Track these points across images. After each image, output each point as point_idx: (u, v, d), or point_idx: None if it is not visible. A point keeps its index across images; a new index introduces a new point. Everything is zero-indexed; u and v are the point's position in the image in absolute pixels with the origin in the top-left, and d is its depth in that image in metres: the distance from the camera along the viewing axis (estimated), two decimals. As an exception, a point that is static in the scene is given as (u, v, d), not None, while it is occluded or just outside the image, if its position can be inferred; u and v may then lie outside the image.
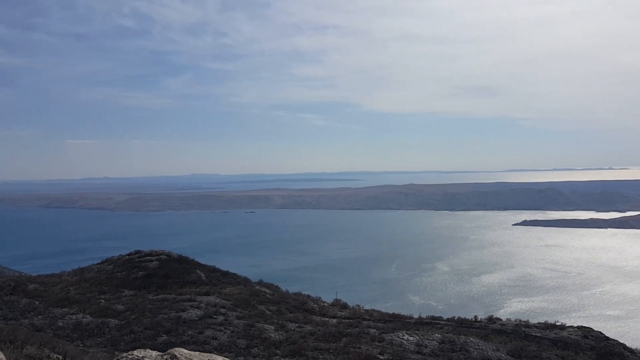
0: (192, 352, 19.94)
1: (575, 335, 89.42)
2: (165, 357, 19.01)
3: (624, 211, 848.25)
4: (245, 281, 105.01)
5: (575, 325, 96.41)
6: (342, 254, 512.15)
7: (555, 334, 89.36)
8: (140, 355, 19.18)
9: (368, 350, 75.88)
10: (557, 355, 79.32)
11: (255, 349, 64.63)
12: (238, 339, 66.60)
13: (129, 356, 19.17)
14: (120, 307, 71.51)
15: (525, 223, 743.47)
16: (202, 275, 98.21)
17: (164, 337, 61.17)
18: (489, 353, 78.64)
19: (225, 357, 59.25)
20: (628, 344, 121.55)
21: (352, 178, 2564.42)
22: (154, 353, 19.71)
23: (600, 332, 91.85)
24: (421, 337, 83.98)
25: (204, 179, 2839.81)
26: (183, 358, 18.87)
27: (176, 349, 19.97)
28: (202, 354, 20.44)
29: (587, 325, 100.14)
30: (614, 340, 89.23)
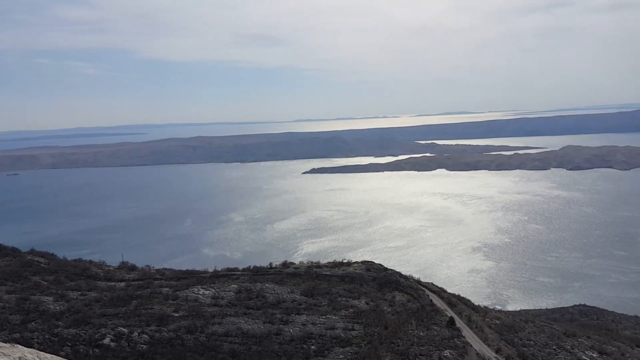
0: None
1: (360, 269, 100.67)
2: None
3: (397, 155, 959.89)
4: (14, 252, 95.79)
5: (360, 260, 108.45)
6: (131, 212, 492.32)
7: (342, 270, 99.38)
8: None
9: (162, 309, 75.26)
10: (344, 289, 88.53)
11: (33, 323, 59.33)
12: (10, 314, 60.35)
13: None
14: None
15: (314, 171, 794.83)
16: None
17: None
18: (284, 296, 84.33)
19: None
20: (408, 270, 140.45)
21: (132, 132, 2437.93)
22: None
23: (380, 264, 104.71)
24: (217, 290, 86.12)
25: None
26: None
27: None
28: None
29: (372, 259, 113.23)
30: (391, 270, 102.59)
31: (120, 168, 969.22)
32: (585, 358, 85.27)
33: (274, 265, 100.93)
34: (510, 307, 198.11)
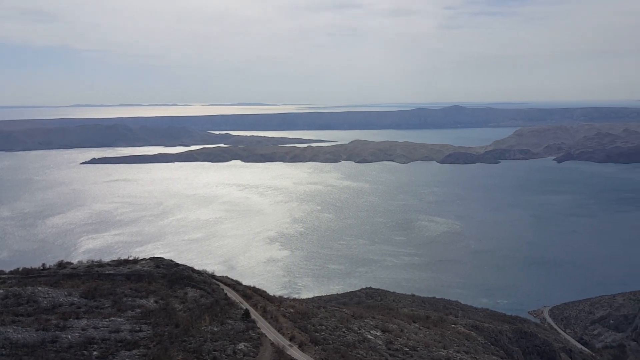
0: None
1: (148, 266, 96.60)
2: None
3: (189, 145, 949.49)
4: None
5: (149, 257, 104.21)
6: None
7: (128, 268, 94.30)
8: None
9: None
10: (131, 289, 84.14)
11: None
12: None
13: None
14: None
15: (94, 161, 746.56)
16: None
17: None
18: (61, 299, 77.21)
19: None
20: (208, 263, 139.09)
21: None
22: None
23: (171, 260, 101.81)
24: (-24, 298, 75.67)
25: None
26: None
27: None
28: None
29: (167, 253, 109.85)
30: (183, 265, 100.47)
31: None
32: (370, 337, 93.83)
33: (47, 266, 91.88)
34: (305, 295, 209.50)
